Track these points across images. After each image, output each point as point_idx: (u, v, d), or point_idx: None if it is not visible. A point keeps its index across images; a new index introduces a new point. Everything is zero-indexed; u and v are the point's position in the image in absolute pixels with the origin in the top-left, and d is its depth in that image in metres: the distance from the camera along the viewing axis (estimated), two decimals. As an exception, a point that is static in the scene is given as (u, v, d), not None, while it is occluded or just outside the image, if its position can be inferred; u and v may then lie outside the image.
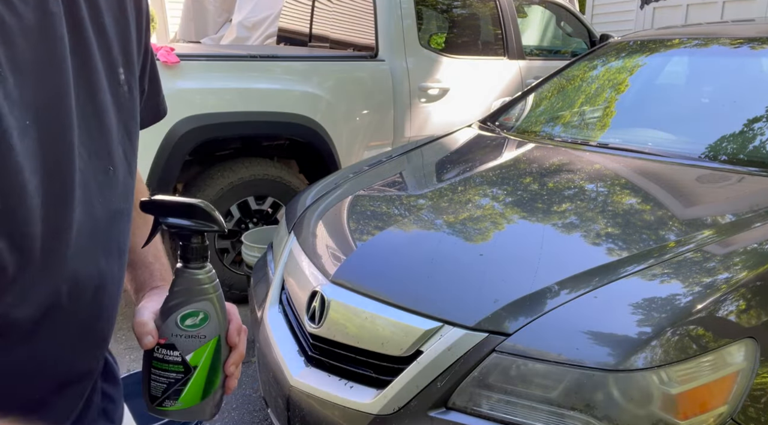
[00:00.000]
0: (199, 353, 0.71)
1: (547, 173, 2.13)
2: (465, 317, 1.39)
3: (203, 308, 0.71)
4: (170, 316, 0.71)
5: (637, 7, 8.00)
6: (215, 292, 0.73)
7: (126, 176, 0.67)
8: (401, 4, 3.63)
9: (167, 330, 0.71)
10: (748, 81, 2.51)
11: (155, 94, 0.82)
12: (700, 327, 1.29)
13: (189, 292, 0.71)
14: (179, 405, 0.71)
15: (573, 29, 4.89)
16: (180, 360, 0.70)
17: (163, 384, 0.71)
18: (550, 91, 3.05)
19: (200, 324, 0.71)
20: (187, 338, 0.71)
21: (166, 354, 0.71)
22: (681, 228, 1.67)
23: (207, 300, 0.72)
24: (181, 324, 0.70)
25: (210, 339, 0.72)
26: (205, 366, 0.72)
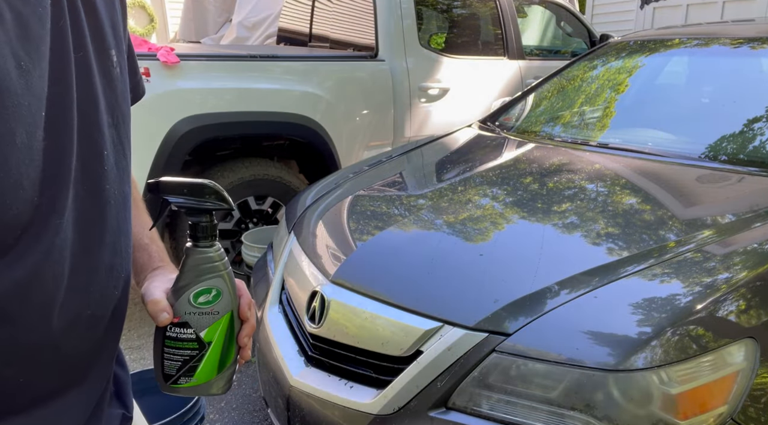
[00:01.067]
0: (213, 329, 0.73)
1: (547, 173, 2.13)
2: (465, 317, 1.39)
3: (216, 285, 0.73)
4: (183, 295, 0.72)
5: (637, 7, 8.00)
6: (225, 269, 0.74)
7: (120, 158, 0.67)
8: (401, 4, 3.63)
9: (180, 309, 0.72)
10: (748, 81, 2.51)
11: (134, 73, 0.83)
12: (700, 327, 1.29)
13: (200, 270, 0.72)
14: (194, 381, 0.73)
15: (573, 29, 4.89)
16: (194, 337, 0.72)
17: (178, 362, 0.72)
18: (550, 91, 3.05)
19: (213, 301, 0.72)
20: (200, 315, 0.72)
21: (180, 332, 0.72)
22: (681, 228, 1.67)
23: (219, 277, 0.73)
24: (194, 302, 0.72)
25: (223, 314, 0.73)
26: (219, 341, 0.73)
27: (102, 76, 0.63)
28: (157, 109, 2.81)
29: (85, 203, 0.61)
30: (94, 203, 0.62)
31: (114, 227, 0.66)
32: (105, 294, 0.65)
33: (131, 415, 0.79)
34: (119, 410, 0.76)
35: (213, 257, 0.73)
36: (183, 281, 0.72)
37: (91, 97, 0.61)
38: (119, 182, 0.67)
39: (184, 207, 0.73)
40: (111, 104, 0.65)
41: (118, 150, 0.67)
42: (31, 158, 0.52)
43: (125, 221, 0.70)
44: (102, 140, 0.63)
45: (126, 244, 0.70)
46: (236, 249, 3.26)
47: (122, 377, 0.78)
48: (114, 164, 0.65)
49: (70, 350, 0.62)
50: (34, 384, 0.59)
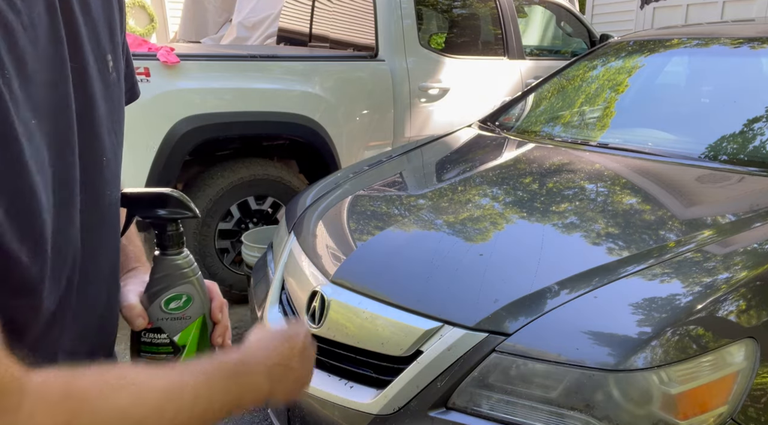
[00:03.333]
0: (186, 333, 0.74)
1: (547, 173, 2.13)
2: (465, 317, 1.39)
3: (185, 291, 0.74)
4: (154, 301, 0.73)
5: (637, 7, 7.99)
6: (195, 275, 0.76)
7: (117, 164, 0.68)
8: (401, 4, 3.63)
9: (153, 315, 0.73)
10: (748, 81, 2.51)
11: (131, 75, 0.83)
12: (700, 327, 1.29)
13: (170, 277, 0.74)
14: None
15: (573, 29, 4.89)
16: (168, 341, 0.73)
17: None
18: (550, 91, 3.05)
19: (184, 306, 0.74)
20: (172, 320, 0.73)
21: (154, 337, 0.73)
22: (681, 228, 1.67)
23: (188, 283, 0.74)
24: (166, 308, 0.73)
25: (195, 318, 0.75)
26: (193, 344, 0.75)
27: (99, 82, 0.62)
28: (157, 109, 2.81)
29: (90, 211, 0.61)
30: (98, 209, 0.63)
31: (114, 231, 0.67)
32: (111, 295, 0.67)
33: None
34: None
35: (181, 265, 0.74)
36: (154, 288, 0.74)
37: (89, 104, 0.60)
38: (116, 186, 0.68)
39: (148, 218, 0.74)
40: (109, 110, 0.65)
41: (117, 155, 0.67)
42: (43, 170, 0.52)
43: (119, 227, 0.71)
44: (102, 146, 0.63)
45: (119, 247, 0.71)
46: (236, 249, 3.26)
47: None
48: (113, 170, 0.66)
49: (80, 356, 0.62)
50: None
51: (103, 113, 0.63)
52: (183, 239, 0.75)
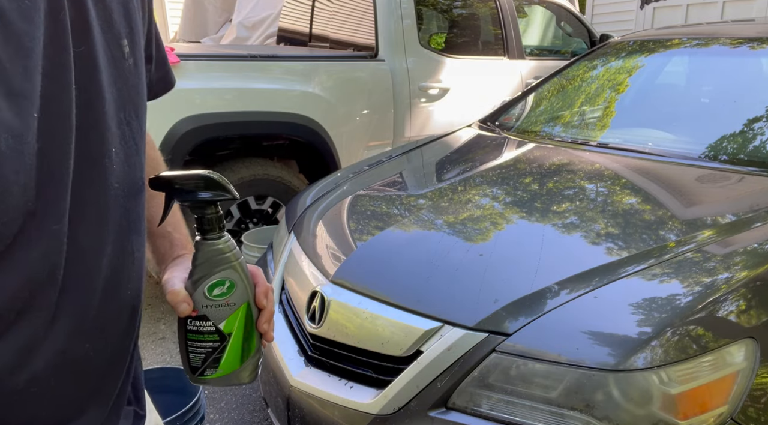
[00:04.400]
0: (231, 320, 0.72)
1: (547, 173, 2.13)
2: (465, 317, 1.39)
3: (228, 277, 0.72)
4: (197, 288, 0.71)
5: (637, 7, 8.00)
6: (237, 259, 0.73)
7: (132, 154, 0.64)
8: (401, 4, 3.63)
9: (197, 302, 0.71)
10: (748, 81, 2.51)
11: (163, 62, 0.80)
12: (700, 327, 1.29)
13: (211, 263, 0.71)
14: (220, 372, 0.73)
15: (573, 29, 4.89)
16: (214, 329, 0.72)
17: (202, 354, 0.72)
18: (550, 91, 3.05)
19: (228, 293, 0.72)
20: (217, 307, 0.71)
21: (200, 325, 0.72)
22: (681, 228, 1.67)
23: (230, 268, 0.72)
24: (209, 295, 0.71)
25: (239, 305, 0.73)
26: (239, 332, 0.73)
27: (111, 69, 0.60)
28: (157, 109, 2.79)
29: (88, 205, 0.58)
30: (99, 204, 0.60)
31: (123, 227, 0.64)
32: (111, 295, 0.63)
33: (144, 413, 0.78)
34: (130, 407, 0.75)
35: (222, 249, 0.72)
36: (196, 274, 0.72)
37: (95, 93, 0.58)
38: (130, 179, 0.64)
39: (186, 201, 0.71)
40: (122, 99, 0.62)
41: (129, 146, 0.64)
42: (21, 162, 0.49)
43: (138, 220, 0.68)
44: (108, 137, 0.60)
45: (137, 243, 0.68)
46: (236, 249, 3.26)
47: (136, 372, 0.77)
48: (124, 161, 0.63)
49: (78, 354, 0.60)
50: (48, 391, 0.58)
51: (110, 101, 0.60)
52: (223, 222, 0.73)
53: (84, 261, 0.59)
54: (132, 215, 0.66)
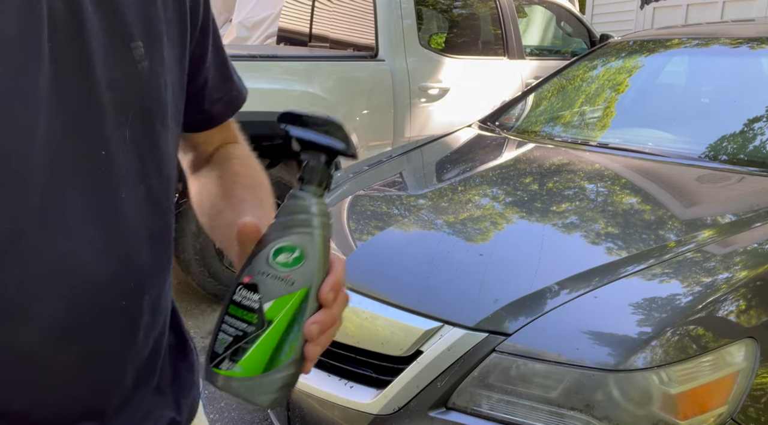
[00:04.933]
0: (280, 304, 0.56)
1: (547, 173, 2.13)
2: (465, 317, 1.39)
3: (301, 244, 0.57)
4: (264, 248, 0.57)
5: (637, 7, 8.00)
6: (322, 229, 0.59)
7: (145, 157, 0.61)
8: (401, 4, 3.63)
9: (255, 266, 0.57)
10: (748, 81, 2.51)
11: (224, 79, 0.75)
12: (700, 327, 1.29)
13: (291, 221, 0.58)
14: (236, 370, 0.56)
15: (573, 29, 4.89)
16: (257, 306, 0.56)
17: (230, 336, 0.56)
18: (550, 91, 3.05)
19: (293, 264, 0.57)
20: (273, 279, 0.56)
21: (246, 296, 0.57)
22: (681, 228, 1.67)
23: (308, 235, 0.58)
24: (273, 260, 0.57)
25: (299, 287, 0.57)
26: (281, 324, 0.56)
27: (114, 69, 0.57)
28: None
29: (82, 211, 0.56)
30: (95, 209, 0.57)
31: (125, 234, 0.60)
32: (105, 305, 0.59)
33: (181, 419, 0.71)
34: (170, 413, 0.69)
35: (309, 208, 0.58)
36: (270, 233, 0.58)
37: (81, 91, 0.55)
38: (133, 185, 0.60)
39: (300, 139, 0.60)
40: (126, 102, 0.58)
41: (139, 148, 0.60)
42: None
43: (154, 227, 0.63)
44: (98, 140, 0.56)
45: (145, 251, 0.63)
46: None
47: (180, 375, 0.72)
48: (126, 166, 0.59)
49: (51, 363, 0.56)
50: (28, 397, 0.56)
51: (108, 104, 0.57)
52: (329, 182, 0.60)
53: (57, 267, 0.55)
54: (144, 222, 0.62)
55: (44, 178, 0.52)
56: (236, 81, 0.82)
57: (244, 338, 0.55)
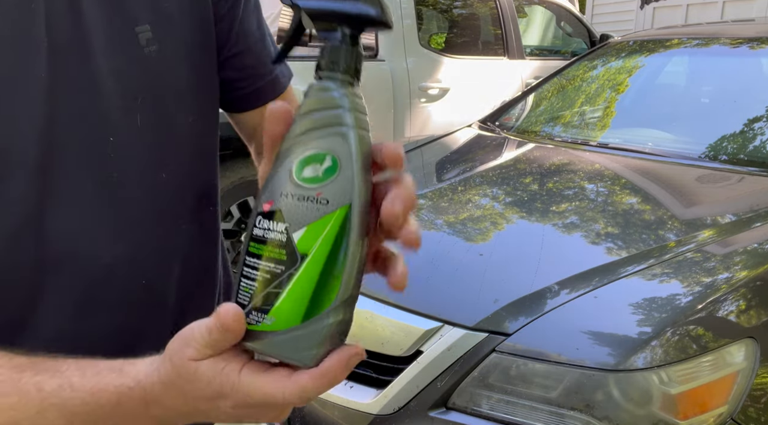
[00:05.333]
0: (313, 231, 0.41)
1: (547, 173, 2.13)
2: (465, 317, 1.39)
3: (332, 149, 0.41)
4: (283, 163, 0.42)
5: (637, 7, 8.00)
6: (358, 126, 0.43)
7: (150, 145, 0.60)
8: (401, 4, 3.63)
9: (275, 187, 0.42)
10: (748, 81, 2.51)
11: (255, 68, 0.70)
12: (700, 327, 1.29)
13: (315, 121, 0.42)
14: (267, 323, 0.41)
15: (573, 29, 4.89)
16: (284, 239, 0.41)
17: (254, 282, 0.42)
18: (550, 91, 3.05)
19: (324, 177, 0.41)
20: (300, 200, 0.41)
21: (269, 228, 0.42)
22: (681, 228, 1.67)
23: (340, 136, 0.42)
24: (297, 176, 0.41)
25: (335, 206, 0.41)
26: (319, 256, 0.41)
27: (118, 54, 0.56)
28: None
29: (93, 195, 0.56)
30: (106, 192, 0.57)
31: (139, 217, 0.59)
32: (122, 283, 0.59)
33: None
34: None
35: (336, 100, 0.43)
36: (288, 140, 0.42)
37: (82, 80, 0.54)
38: (148, 169, 0.60)
39: (312, 11, 0.44)
40: (132, 88, 0.57)
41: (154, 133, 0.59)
42: None
43: (174, 210, 0.62)
44: (106, 127, 0.56)
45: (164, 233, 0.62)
46: (236, 249, 3.26)
47: None
48: (139, 150, 0.58)
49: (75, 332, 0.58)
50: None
51: (112, 90, 0.56)
52: (360, 64, 0.46)
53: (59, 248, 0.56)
54: (150, 205, 0.61)
55: (52, 165, 0.53)
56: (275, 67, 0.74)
57: (272, 281, 0.41)
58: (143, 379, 0.43)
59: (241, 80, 0.71)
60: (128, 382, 0.44)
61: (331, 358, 0.43)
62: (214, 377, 0.41)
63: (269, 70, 0.72)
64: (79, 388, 0.44)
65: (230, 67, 0.69)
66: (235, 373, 0.41)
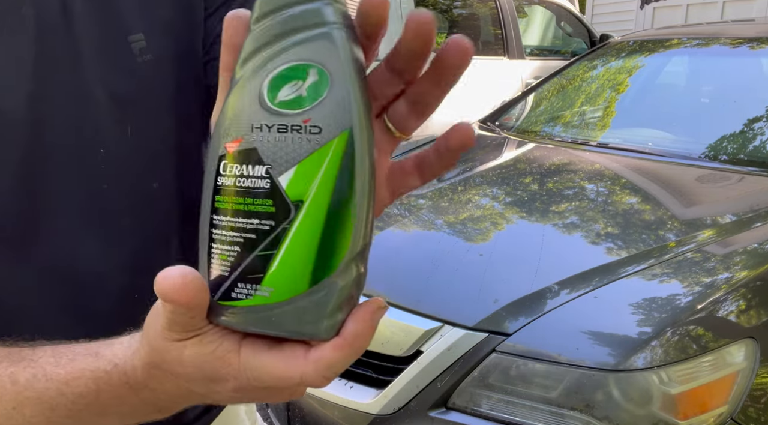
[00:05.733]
0: (306, 170, 0.31)
1: (547, 173, 2.13)
2: (465, 317, 1.39)
3: (316, 58, 0.31)
4: (248, 84, 0.32)
5: (637, 7, 8.00)
6: (344, 25, 0.32)
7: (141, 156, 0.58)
8: (401, 4, 3.63)
9: (241, 119, 0.32)
10: (748, 81, 2.51)
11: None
12: (700, 327, 1.29)
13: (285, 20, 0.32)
14: (263, 294, 0.33)
15: (573, 29, 4.89)
16: (268, 185, 0.32)
17: (233, 247, 0.33)
18: (550, 91, 3.05)
19: (310, 98, 0.31)
20: (281, 132, 0.31)
21: (241, 173, 0.32)
22: (681, 228, 1.67)
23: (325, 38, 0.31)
24: (271, 99, 0.32)
25: (332, 135, 0.31)
26: (319, 201, 0.31)
27: (105, 66, 0.55)
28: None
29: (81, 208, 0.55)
30: (94, 205, 0.56)
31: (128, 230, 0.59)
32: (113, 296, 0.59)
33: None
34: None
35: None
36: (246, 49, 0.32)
37: (71, 89, 0.53)
38: (140, 181, 0.59)
39: None
40: (123, 97, 0.56)
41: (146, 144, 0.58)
42: None
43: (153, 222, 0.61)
44: (96, 137, 0.55)
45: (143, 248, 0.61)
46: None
47: None
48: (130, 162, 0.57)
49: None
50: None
51: (103, 99, 0.55)
52: None
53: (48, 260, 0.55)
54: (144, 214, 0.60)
55: (39, 176, 0.52)
56: None
57: (260, 242, 0.32)
58: (121, 362, 0.39)
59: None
60: (104, 365, 0.39)
61: (353, 321, 0.33)
62: (204, 361, 0.35)
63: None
64: (54, 377, 0.40)
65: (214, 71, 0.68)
66: (232, 354, 0.34)
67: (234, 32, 0.34)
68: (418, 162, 0.38)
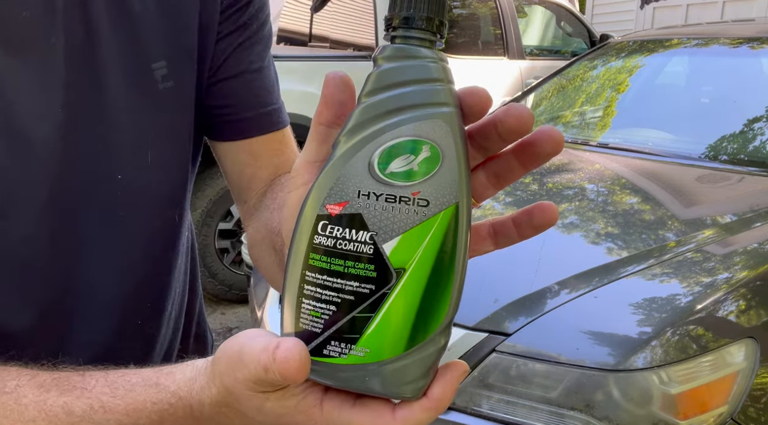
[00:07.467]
0: (411, 240, 0.32)
1: (547, 173, 2.13)
2: (465, 317, 1.39)
3: (430, 136, 0.32)
4: (358, 152, 0.33)
5: (637, 7, 8.00)
6: (455, 105, 0.34)
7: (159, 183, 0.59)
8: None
9: (348, 184, 0.33)
10: (748, 81, 2.51)
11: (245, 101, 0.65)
12: (700, 327, 1.29)
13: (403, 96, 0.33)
14: (358, 354, 0.33)
15: (573, 29, 4.89)
16: (371, 251, 0.32)
17: (328, 308, 0.33)
18: (550, 91, 3.05)
19: (421, 173, 0.32)
20: (389, 202, 0.32)
21: (344, 236, 0.33)
22: (681, 228, 1.67)
23: (439, 118, 0.33)
24: (382, 170, 0.32)
25: (439, 208, 0.32)
26: (421, 272, 0.32)
27: (128, 93, 0.55)
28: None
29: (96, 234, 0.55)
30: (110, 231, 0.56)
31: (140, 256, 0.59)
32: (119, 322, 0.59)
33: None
34: None
35: (431, 71, 0.34)
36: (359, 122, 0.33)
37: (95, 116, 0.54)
38: (157, 208, 0.59)
39: None
40: (145, 124, 0.57)
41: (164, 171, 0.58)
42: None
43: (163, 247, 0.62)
44: (115, 163, 0.55)
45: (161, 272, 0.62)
46: (236, 249, 3.26)
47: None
48: (146, 188, 0.58)
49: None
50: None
51: (130, 127, 0.55)
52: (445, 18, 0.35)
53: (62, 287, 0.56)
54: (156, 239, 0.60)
55: (59, 202, 0.53)
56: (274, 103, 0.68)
57: (358, 303, 0.33)
58: (185, 395, 0.38)
59: (226, 107, 0.66)
60: (168, 398, 0.39)
61: (441, 384, 0.35)
62: (285, 414, 0.35)
63: (260, 104, 0.67)
64: (113, 409, 0.39)
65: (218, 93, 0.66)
66: (316, 409, 0.35)
67: (335, 90, 0.35)
68: (495, 230, 0.39)
